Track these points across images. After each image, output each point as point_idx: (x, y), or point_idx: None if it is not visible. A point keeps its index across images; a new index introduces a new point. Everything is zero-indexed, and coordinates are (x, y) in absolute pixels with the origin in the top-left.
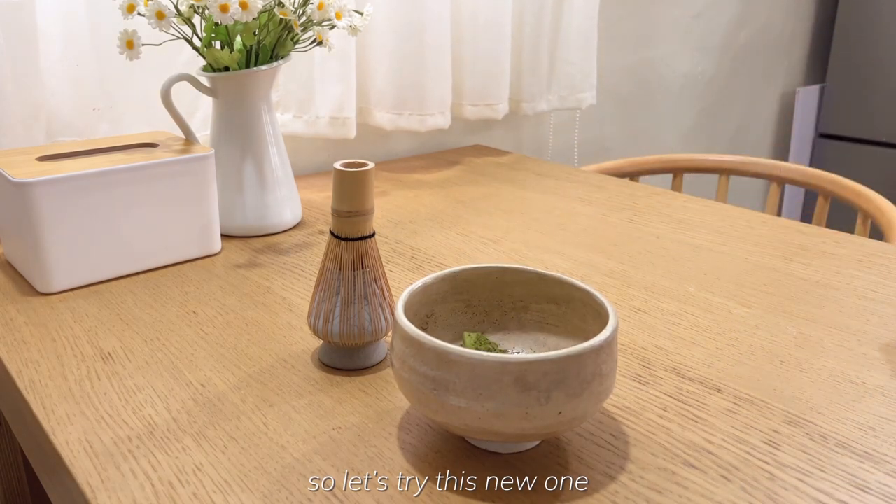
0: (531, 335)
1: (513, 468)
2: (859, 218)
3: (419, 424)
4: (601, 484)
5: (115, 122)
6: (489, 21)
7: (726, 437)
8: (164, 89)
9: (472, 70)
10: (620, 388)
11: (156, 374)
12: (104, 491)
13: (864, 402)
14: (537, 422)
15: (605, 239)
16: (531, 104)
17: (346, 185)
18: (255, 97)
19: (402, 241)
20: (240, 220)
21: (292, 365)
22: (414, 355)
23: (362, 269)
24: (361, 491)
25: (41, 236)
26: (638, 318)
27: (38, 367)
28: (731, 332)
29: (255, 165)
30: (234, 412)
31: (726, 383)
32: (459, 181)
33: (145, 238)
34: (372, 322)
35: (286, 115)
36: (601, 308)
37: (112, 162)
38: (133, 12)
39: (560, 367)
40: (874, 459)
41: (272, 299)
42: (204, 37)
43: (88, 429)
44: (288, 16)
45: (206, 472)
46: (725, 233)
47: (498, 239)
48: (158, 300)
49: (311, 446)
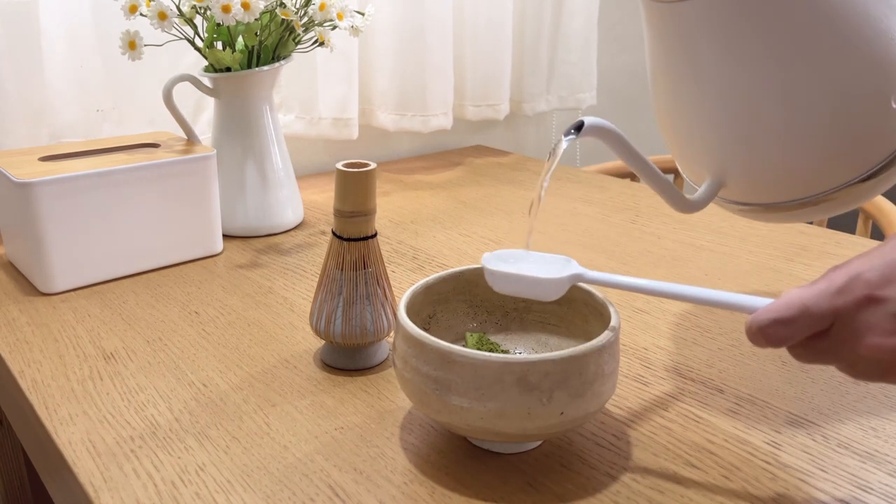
0: (533, 335)
1: (515, 468)
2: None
3: (421, 424)
4: (603, 484)
5: (117, 122)
6: (490, 22)
7: (728, 438)
8: (165, 90)
9: (474, 71)
10: (622, 389)
11: (158, 375)
12: (107, 491)
13: (866, 402)
14: (539, 422)
15: (606, 239)
16: (531, 105)
17: (348, 185)
18: (257, 97)
19: (404, 242)
20: (241, 220)
21: (294, 365)
22: (416, 355)
23: (364, 270)
24: (363, 491)
25: (43, 236)
26: (640, 318)
27: (41, 368)
28: (733, 332)
29: (256, 165)
30: (237, 412)
31: (728, 384)
32: (461, 182)
33: (147, 238)
34: (374, 322)
35: (289, 117)
36: (603, 308)
37: (114, 162)
38: (135, 13)
39: (562, 368)
40: (876, 460)
41: (274, 299)
42: (206, 37)
43: (91, 429)
44: (290, 16)
45: (209, 472)
46: (726, 233)
47: (499, 239)
48: (160, 300)
49: (314, 446)
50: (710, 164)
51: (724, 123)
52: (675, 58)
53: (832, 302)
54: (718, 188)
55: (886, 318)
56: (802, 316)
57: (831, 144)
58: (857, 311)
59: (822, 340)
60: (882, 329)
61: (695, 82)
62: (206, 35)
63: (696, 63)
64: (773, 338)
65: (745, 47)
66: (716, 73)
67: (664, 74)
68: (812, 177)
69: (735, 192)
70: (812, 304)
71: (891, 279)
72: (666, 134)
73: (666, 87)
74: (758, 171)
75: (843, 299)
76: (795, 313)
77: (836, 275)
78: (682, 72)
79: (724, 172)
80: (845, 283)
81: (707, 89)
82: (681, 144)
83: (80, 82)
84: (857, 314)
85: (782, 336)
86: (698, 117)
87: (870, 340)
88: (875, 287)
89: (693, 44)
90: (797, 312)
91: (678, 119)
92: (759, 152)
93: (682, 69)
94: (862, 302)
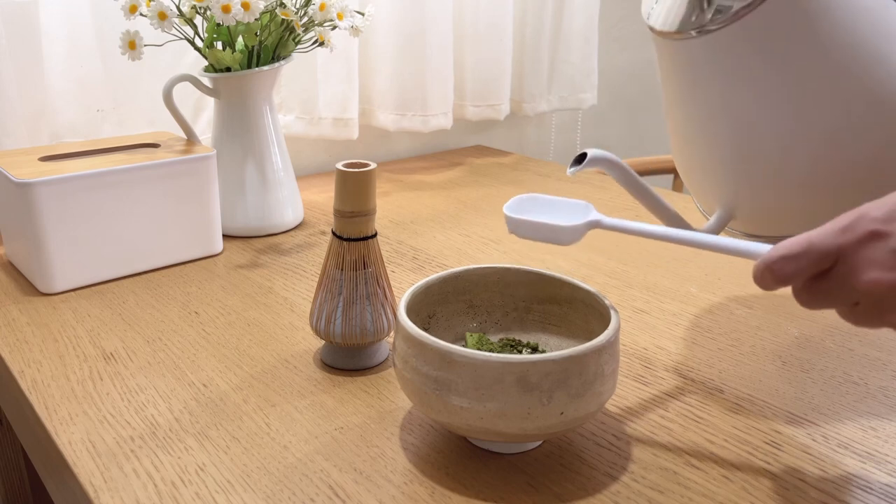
0: (533, 336)
1: (515, 468)
2: None
3: (421, 425)
4: (603, 484)
5: (117, 122)
6: (490, 22)
7: (728, 438)
8: (165, 90)
9: (474, 71)
10: (622, 389)
11: (158, 375)
12: (107, 491)
13: (866, 402)
14: (539, 422)
15: (606, 239)
16: (532, 105)
17: (348, 185)
18: (257, 97)
19: (404, 242)
20: (241, 220)
21: (294, 365)
22: (416, 356)
23: (364, 270)
24: (363, 491)
25: (43, 236)
26: (639, 318)
27: (41, 368)
28: (733, 332)
29: (256, 166)
30: (237, 412)
31: (728, 384)
32: (461, 182)
33: (147, 238)
34: (374, 322)
35: (289, 117)
36: (603, 308)
37: (114, 162)
38: (135, 13)
39: (562, 368)
40: (876, 460)
41: (274, 300)
42: (206, 37)
43: (91, 429)
44: (290, 16)
45: (209, 472)
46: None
47: (499, 239)
48: (160, 300)
49: (314, 446)
50: (719, 197)
51: (733, 156)
52: (684, 92)
53: (837, 238)
54: (727, 220)
55: (888, 253)
56: (808, 251)
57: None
58: (860, 246)
59: (826, 280)
60: (882, 263)
61: (704, 117)
62: (206, 35)
63: (704, 98)
64: (779, 274)
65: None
66: (723, 109)
67: (675, 107)
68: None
69: (744, 225)
70: (818, 241)
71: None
72: (678, 164)
73: (677, 120)
74: (766, 205)
75: (848, 236)
76: (801, 249)
77: (844, 215)
78: (692, 106)
79: (732, 206)
80: (851, 221)
81: (715, 124)
82: (691, 175)
83: (80, 82)
84: (860, 249)
85: (789, 272)
86: (707, 151)
87: (870, 275)
88: (879, 222)
89: (701, 79)
90: (803, 248)
91: (689, 151)
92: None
93: (692, 103)
94: (865, 237)
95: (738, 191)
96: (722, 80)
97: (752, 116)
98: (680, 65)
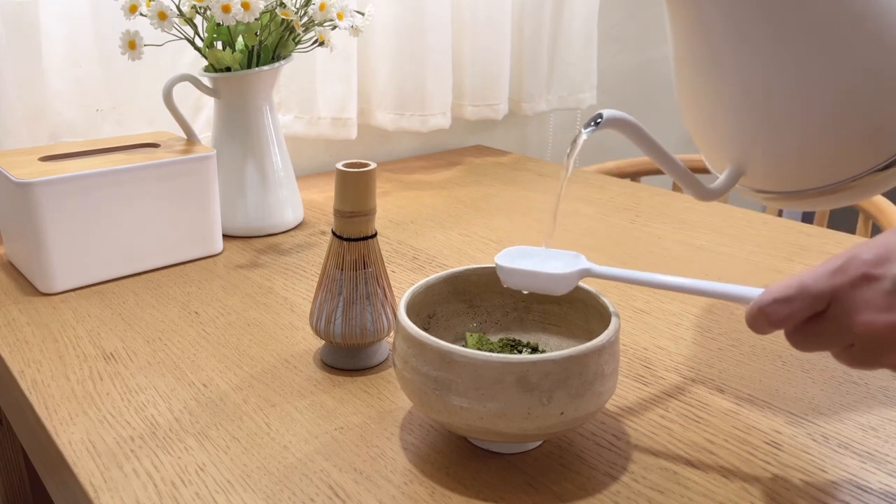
0: (533, 335)
1: (515, 468)
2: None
3: (421, 425)
4: (603, 484)
5: (117, 122)
6: (489, 21)
7: (728, 438)
8: (165, 90)
9: (473, 70)
10: (622, 389)
11: (158, 375)
12: (107, 491)
13: (866, 402)
14: (539, 422)
15: (606, 239)
16: (531, 104)
17: (348, 185)
18: (257, 97)
19: (404, 242)
20: (241, 220)
21: (294, 365)
22: (416, 355)
23: (364, 270)
24: (363, 491)
25: (43, 236)
26: (640, 318)
27: (41, 368)
28: (733, 332)
29: (256, 166)
30: (237, 412)
31: (728, 384)
32: (461, 181)
33: (147, 238)
34: (374, 322)
35: (288, 117)
36: (603, 308)
37: (114, 162)
38: (135, 13)
39: (562, 368)
40: (876, 460)
41: (274, 300)
42: (206, 37)
43: (91, 429)
44: (289, 16)
45: (209, 472)
46: (727, 233)
47: (499, 239)
48: (160, 300)
49: (314, 446)
50: (729, 151)
51: (743, 111)
52: (694, 46)
53: (830, 281)
54: (739, 176)
55: (881, 295)
56: (802, 294)
57: (851, 132)
58: (854, 288)
59: (820, 323)
60: (876, 306)
61: (714, 70)
62: (206, 35)
63: (714, 51)
64: (773, 317)
65: (761, 34)
66: (734, 61)
67: (685, 62)
68: (831, 165)
69: (755, 180)
70: (810, 284)
71: (886, 258)
72: (688, 122)
73: (686, 76)
74: (776, 160)
75: (841, 278)
76: (794, 292)
77: (835, 258)
78: (702, 60)
79: (743, 160)
80: (842, 263)
81: (726, 77)
82: (701, 133)
83: (80, 82)
84: (853, 292)
85: (783, 315)
86: (718, 105)
87: (864, 317)
88: (870, 265)
89: (711, 32)
90: (797, 291)
91: (699, 107)
92: (777, 140)
93: (702, 57)
94: (858, 280)
95: (749, 143)
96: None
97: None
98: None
